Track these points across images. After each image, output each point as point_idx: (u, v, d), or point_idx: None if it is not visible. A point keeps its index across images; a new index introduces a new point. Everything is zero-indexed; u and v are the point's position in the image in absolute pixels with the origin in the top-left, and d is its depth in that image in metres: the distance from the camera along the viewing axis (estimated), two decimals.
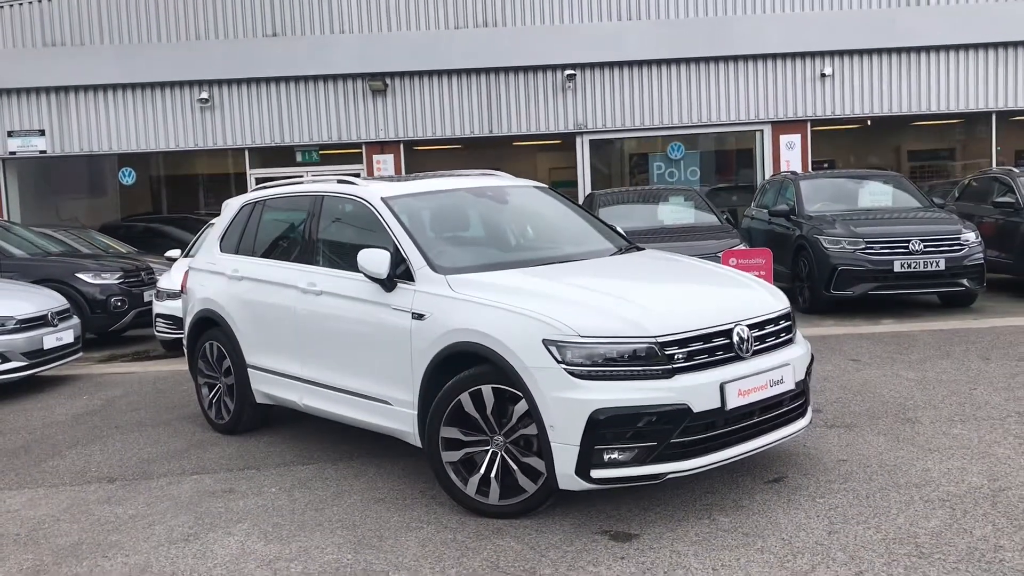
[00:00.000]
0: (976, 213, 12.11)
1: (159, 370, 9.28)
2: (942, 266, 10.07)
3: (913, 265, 10.08)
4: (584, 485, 4.16)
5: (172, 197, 21.47)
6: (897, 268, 10.08)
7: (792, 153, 16.34)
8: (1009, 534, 3.95)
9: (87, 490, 5.41)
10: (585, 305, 4.42)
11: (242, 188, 16.25)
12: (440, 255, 5.06)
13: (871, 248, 10.20)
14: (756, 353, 4.47)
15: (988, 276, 10.74)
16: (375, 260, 4.92)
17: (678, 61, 16.32)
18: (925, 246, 10.12)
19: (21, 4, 16.18)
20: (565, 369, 4.14)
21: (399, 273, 4.96)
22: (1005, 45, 16.32)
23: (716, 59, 16.33)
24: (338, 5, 16.28)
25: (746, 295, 4.84)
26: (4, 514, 5.07)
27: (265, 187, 6.69)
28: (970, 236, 10.33)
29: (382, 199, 5.38)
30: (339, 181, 5.87)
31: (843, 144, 19.78)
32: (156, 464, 5.87)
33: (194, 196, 21.28)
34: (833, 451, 5.23)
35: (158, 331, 10.29)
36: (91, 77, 16.17)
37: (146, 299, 11.23)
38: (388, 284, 4.96)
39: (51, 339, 8.53)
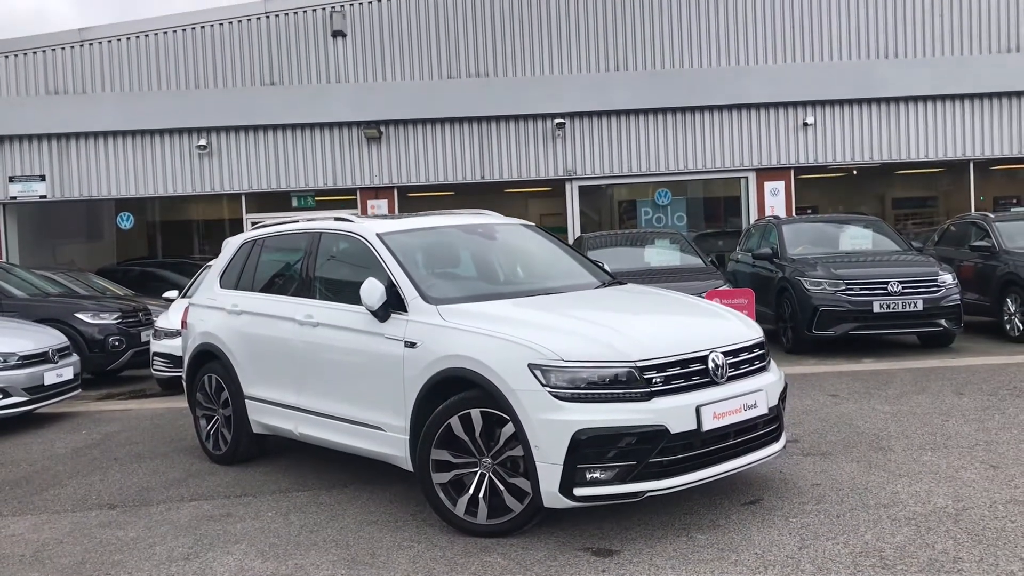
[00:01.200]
0: (955, 257, 12.44)
1: (156, 407, 9.46)
2: (920, 307, 10.33)
3: (892, 306, 10.36)
4: (567, 503, 4.38)
5: (168, 242, 21.76)
6: (876, 309, 10.35)
7: (776, 199, 16.73)
8: (969, 548, 4.17)
9: (88, 515, 5.59)
10: (569, 332, 4.67)
11: (238, 233, 16.52)
12: (432, 287, 5.32)
13: (851, 289, 10.47)
14: (731, 379, 4.72)
15: (967, 318, 11.00)
16: (371, 291, 5.17)
17: (664, 110, 16.79)
18: (903, 288, 10.40)
19: (25, 54, 16.61)
20: (549, 392, 4.38)
21: (393, 304, 5.21)
22: (980, 96, 16.86)
23: (701, 108, 16.79)
24: (334, 55, 16.75)
25: (721, 324, 5.11)
26: (9, 538, 5.25)
27: (263, 226, 6.97)
28: (947, 278, 10.61)
29: (377, 235, 5.66)
30: (336, 219, 6.15)
31: (829, 192, 20.23)
32: (155, 492, 6.05)
33: (190, 241, 21.58)
34: (808, 476, 5.45)
35: (155, 369, 10.48)
36: (91, 124, 16.55)
37: (143, 339, 11.44)
38: (382, 314, 5.21)
39: (51, 375, 8.72)
